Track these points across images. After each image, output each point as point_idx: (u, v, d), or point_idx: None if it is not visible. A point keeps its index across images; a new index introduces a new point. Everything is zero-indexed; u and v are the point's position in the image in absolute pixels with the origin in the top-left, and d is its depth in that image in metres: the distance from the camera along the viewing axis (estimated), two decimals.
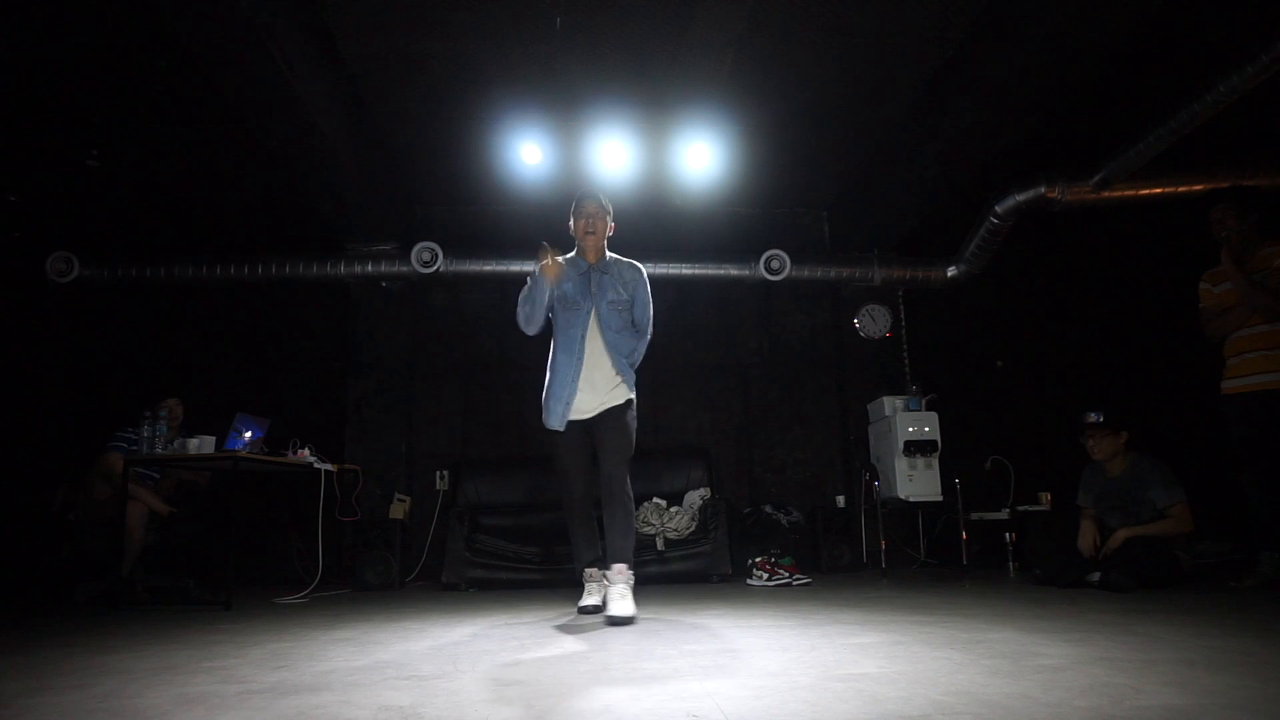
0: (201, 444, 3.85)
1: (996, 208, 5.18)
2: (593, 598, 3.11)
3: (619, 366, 3.11)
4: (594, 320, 3.12)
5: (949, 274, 5.80)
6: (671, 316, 5.93)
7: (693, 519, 4.84)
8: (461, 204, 6.04)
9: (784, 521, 5.22)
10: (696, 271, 5.64)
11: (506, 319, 5.92)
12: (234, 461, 3.80)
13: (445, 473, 5.62)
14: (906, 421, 5.05)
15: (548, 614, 3.17)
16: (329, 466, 4.50)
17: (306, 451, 4.34)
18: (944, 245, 5.76)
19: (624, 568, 2.95)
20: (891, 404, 5.20)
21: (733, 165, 5.25)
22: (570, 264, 3.20)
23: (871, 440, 5.48)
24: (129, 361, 5.78)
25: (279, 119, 3.96)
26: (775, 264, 5.57)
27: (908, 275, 5.86)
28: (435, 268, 5.43)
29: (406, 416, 5.69)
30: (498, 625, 2.84)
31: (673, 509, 4.93)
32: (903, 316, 6.05)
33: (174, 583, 4.51)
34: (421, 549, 5.42)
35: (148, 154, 5.07)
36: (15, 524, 5.07)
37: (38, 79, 4.24)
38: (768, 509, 5.35)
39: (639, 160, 5.00)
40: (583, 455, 3.12)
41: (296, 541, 5.13)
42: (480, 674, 1.87)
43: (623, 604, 2.83)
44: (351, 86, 4.43)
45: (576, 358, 3.08)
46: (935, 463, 5.05)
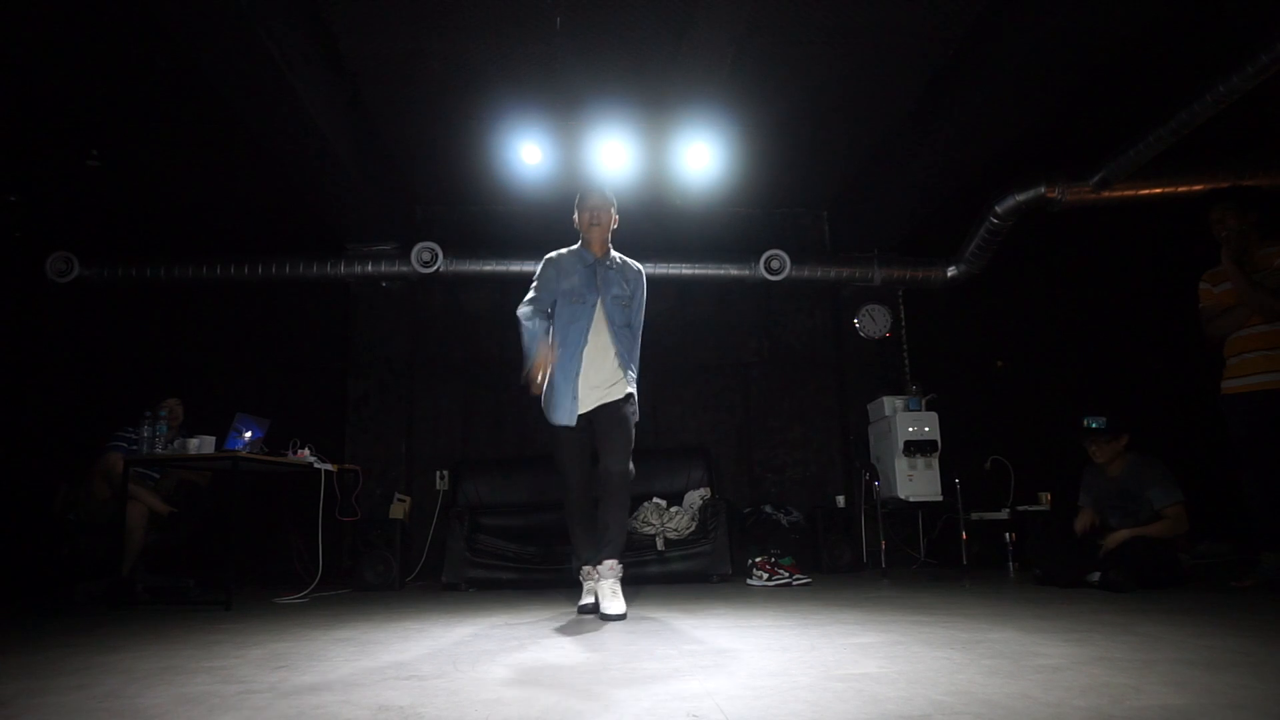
0: (201, 444, 3.86)
1: (996, 208, 5.18)
2: (591, 597, 3.12)
3: (622, 361, 3.10)
4: (600, 313, 3.11)
5: (949, 274, 5.80)
6: (671, 316, 5.93)
7: (693, 519, 4.84)
8: (461, 204, 6.04)
9: (784, 521, 5.22)
10: (696, 271, 5.64)
11: (506, 319, 5.92)
12: (234, 461, 3.80)
13: (445, 473, 5.62)
14: (906, 421, 5.05)
15: (548, 614, 3.17)
16: (329, 466, 4.50)
17: (306, 451, 4.34)
18: (944, 245, 5.77)
19: (614, 563, 2.99)
20: (891, 404, 5.20)
21: (733, 165, 5.25)
22: (576, 257, 3.18)
23: (871, 440, 5.48)
24: (129, 361, 5.78)
25: (279, 119, 3.97)
26: (775, 264, 5.58)
27: (908, 275, 5.87)
28: (435, 268, 5.44)
29: (406, 416, 5.69)
30: (498, 625, 2.84)
31: (673, 509, 4.93)
32: (903, 316, 6.05)
33: (174, 583, 4.50)
34: (421, 549, 5.42)
35: (148, 154, 5.07)
36: (15, 524, 5.06)
37: (38, 79, 4.24)
38: (768, 509, 5.35)
39: (639, 160, 5.00)
40: (584, 452, 3.12)
41: (296, 541, 5.13)
42: (480, 674, 1.87)
43: (614, 601, 2.90)
44: (351, 86, 4.43)
45: (580, 351, 3.06)
46: (935, 463, 5.05)
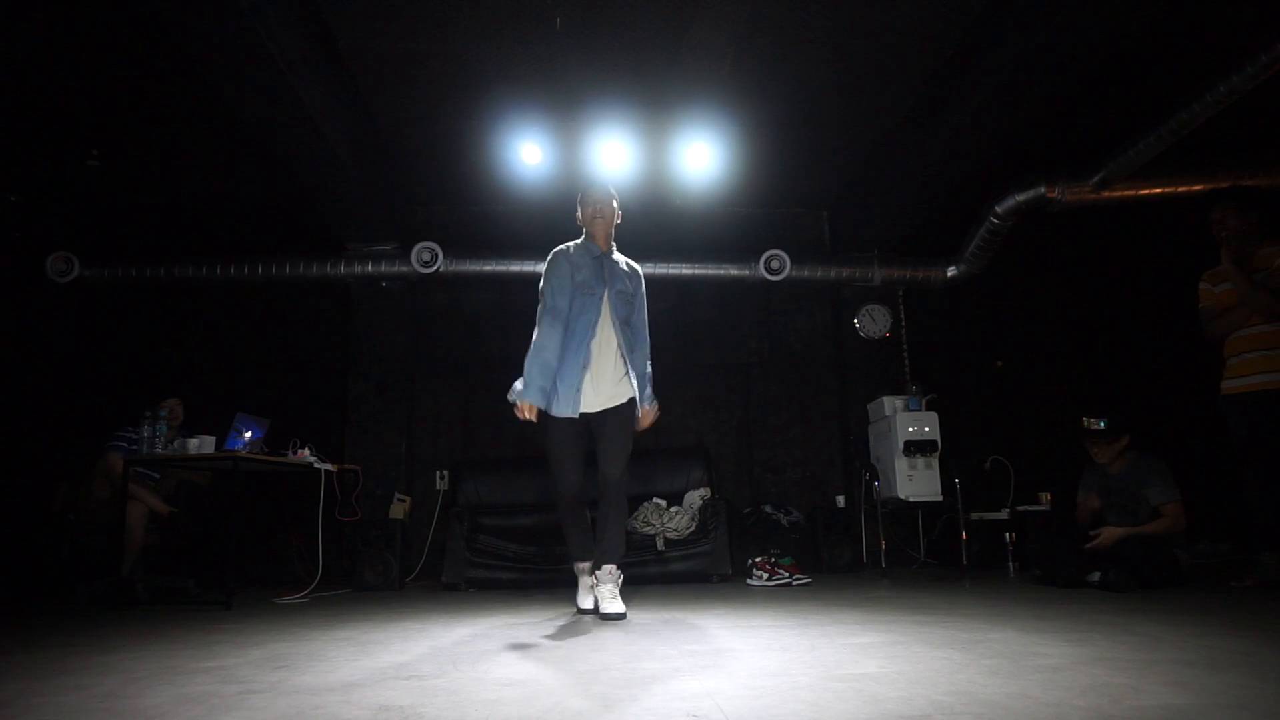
0: (201, 444, 3.86)
1: (996, 208, 5.18)
2: (591, 599, 3.13)
3: (626, 359, 3.09)
4: (606, 305, 3.10)
5: (949, 274, 5.80)
6: (671, 316, 5.93)
7: (693, 519, 4.84)
8: (461, 204, 6.04)
9: (784, 521, 5.22)
10: (696, 271, 5.64)
11: (506, 319, 5.89)
12: (234, 461, 3.81)
13: (445, 473, 5.62)
14: (906, 421, 5.05)
15: (547, 614, 3.17)
16: (329, 466, 4.50)
17: (306, 451, 4.34)
18: (944, 245, 5.77)
19: (613, 569, 3.00)
20: (891, 404, 5.20)
21: (733, 165, 5.25)
22: (583, 251, 3.17)
23: (871, 440, 5.47)
24: (129, 361, 5.78)
25: (279, 119, 3.97)
26: (775, 264, 5.58)
27: (908, 275, 5.87)
28: (435, 268, 5.44)
29: (406, 416, 5.69)
30: (498, 625, 2.84)
31: (673, 509, 4.93)
32: (903, 316, 6.05)
33: (174, 583, 4.51)
34: (421, 549, 5.42)
35: (148, 154, 5.07)
36: (15, 524, 5.07)
37: (38, 79, 4.24)
38: (768, 509, 5.34)
39: (639, 160, 5.00)
40: (580, 448, 3.08)
41: (296, 541, 5.13)
42: (480, 674, 1.87)
43: (614, 603, 2.92)
44: (351, 86, 4.43)
45: (587, 343, 3.03)
46: (935, 463, 5.05)
